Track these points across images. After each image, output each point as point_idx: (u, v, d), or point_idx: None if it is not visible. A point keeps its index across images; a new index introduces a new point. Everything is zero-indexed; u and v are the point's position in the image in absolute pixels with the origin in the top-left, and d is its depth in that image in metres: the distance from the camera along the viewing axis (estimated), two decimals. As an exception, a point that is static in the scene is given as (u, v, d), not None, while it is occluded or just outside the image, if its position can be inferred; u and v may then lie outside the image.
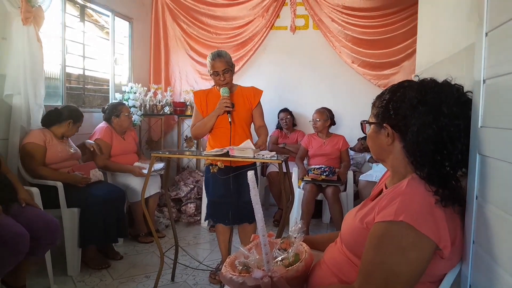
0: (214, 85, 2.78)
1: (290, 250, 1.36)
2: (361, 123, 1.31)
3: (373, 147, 1.26)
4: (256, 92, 2.78)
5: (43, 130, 2.97)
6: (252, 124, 2.84)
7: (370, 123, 1.25)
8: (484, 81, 1.15)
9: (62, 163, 2.99)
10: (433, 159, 1.09)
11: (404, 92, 1.16)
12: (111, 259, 3.12)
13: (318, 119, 4.02)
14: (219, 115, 2.64)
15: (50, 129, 3.01)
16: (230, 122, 2.61)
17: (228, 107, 2.59)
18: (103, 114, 3.64)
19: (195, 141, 4.98)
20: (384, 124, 1.19)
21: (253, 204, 1.24)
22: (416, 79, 1.23)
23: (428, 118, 1.09)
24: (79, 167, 3.03)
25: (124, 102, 3.99)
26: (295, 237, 1.39)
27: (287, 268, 1.29)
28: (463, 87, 1.18)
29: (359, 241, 1.16)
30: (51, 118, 3.02)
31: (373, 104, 1.27)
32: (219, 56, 2.63)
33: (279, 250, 1.42)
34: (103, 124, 3.60)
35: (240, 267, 1.34)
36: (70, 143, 3.17)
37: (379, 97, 1.25)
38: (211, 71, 2.65)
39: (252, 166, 2.67)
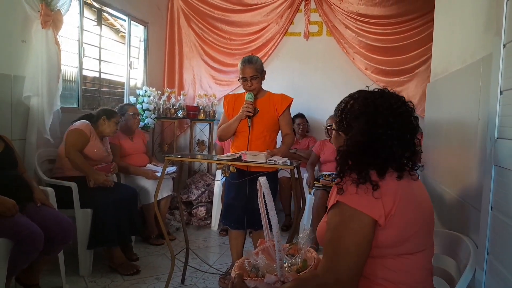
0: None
1: (298, 256, 1.37)
2: (327, 129, 1.49)
3: (336, 147, 1.45)
4: (283, 99, 2.75)
5: (90, 124, 3.09)
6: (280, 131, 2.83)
7: (332, 129, 1.46)
8: (501, 92, 1.15)
9: (95, 161, 3.07)
10: (360, 161, 1.24)
11: (352, 103, 1.34)
12: (128, 259, 3.12)
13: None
14: (241, 119, 2.67)
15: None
16: (249, 126, 2.64)
17: (250, 112, 2.61)
18: None
19: (207, 145, 5.02)
20: (340, 133, 1.38)
21: (268, 210, 1.25)
22: (366, 89, 1.38)
23: (364, 127, 1.26)
24: (98, 168, 3.07)
25: (129, 103, 4.00)
26: (303, 244, 1.40)
27: (299, 274, 1.30)
28: (404, 98, 1.33)
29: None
30: (87, 119, 3.12)
31: (334, 112, 1.44)
32: (249, 62, 2.65)
33: (286, 255, 1.43)
34: None
35: (250, 268, 1.35)
36: (107, 146, 3.27)
37: (338, 105, 1.42)
38: (240, 76, 2.68)
39: (271, 174, 2.67)
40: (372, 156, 1.23)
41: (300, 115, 4.64)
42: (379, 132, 1.24)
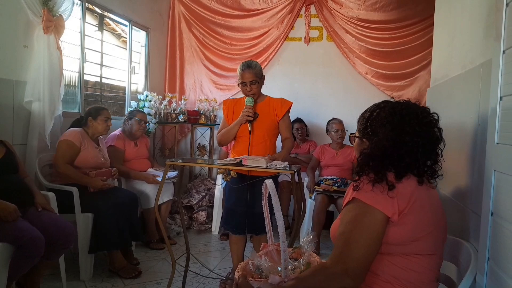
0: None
1: (301, 260, 1.37)
2: (349, 136, 1.62)
3: (358, 154, 1.50)
4: (283, 103, 2.76)
5: (81, 131, 3.06)
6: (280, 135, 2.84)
7: (355, 137, 1.51)
8: (501, 98, 1.15)
9: (92, 169, 3.04)
10: (382, 163, 1.30)
11: (379, 112, 1.40)
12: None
13: (342, 130, 4.04)
14: (241, 123, 2.67)
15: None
16: (249, 131, 2.65)
17: (250, 116, 2.62)
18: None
19: (208, 149, 5.03)
20: (364, 139, 1.43)
21: (274, 211, 1.26)
22: (391, 100, 1.47)
23: (390, 134, 1.32)
24: (99, 173, 3.07)
25: (140, 109, 4.06)
26: (307, 248, 1.41)
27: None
28: (429, 109, 1.39)
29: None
30: (77, 124, 3.13)
31: (358, 120, 1.50)
32: (248, 67, 2.66)
33: (289, 259, 1.43)
34: (116, 131, 3.68)
35: (253, 269, 1.36)
36: (103, 152, 3.24)
37: (362, 114, 1.48)
38: (239, 81, 2.69)
39: (271, 178, 2.66)
40: (395, 161, 1.29)
41: (298, 120, 4.65)
42: (406, 139, 1.30)
